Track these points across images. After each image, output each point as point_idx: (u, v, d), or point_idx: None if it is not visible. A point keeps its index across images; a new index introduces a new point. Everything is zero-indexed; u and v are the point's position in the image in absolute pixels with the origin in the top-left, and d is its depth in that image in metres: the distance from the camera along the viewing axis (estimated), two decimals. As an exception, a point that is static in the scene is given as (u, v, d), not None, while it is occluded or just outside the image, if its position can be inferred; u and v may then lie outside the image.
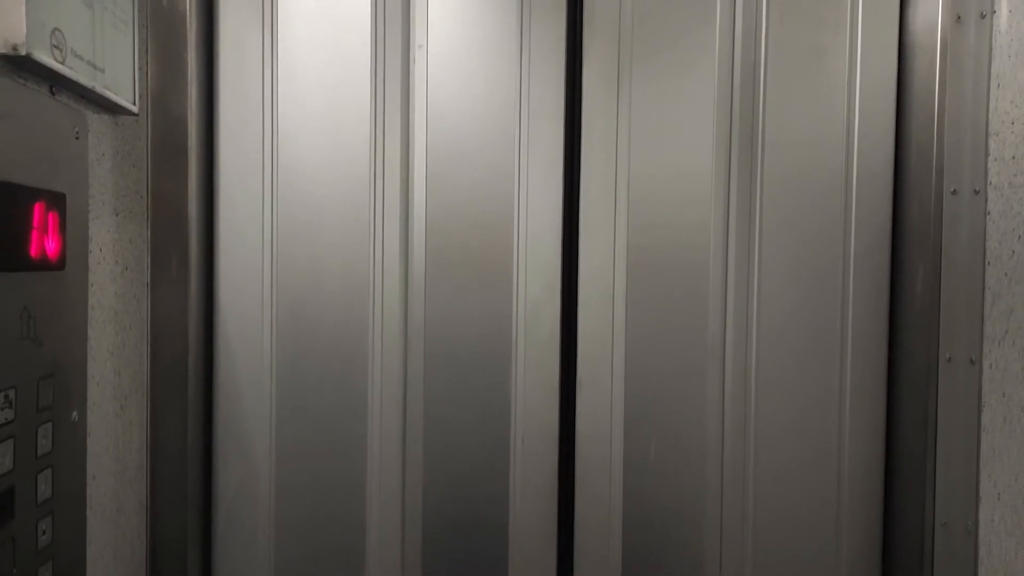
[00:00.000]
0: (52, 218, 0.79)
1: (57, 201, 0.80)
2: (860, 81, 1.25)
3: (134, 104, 0.96)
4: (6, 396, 0.71)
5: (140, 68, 0.99)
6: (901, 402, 1.24)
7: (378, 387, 1.23)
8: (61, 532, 0.81)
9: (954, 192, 1.16)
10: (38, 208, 0.76)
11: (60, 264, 0.81)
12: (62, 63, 0.77)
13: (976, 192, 1.13)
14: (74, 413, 0.85)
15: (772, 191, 1.25)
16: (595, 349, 1.26)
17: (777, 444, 1.27)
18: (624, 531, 1.26)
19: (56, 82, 0.80)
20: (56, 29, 0.76)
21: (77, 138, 0.86)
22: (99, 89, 0.86)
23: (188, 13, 1.11)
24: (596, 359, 1.26)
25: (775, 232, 1.25)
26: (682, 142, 1.25)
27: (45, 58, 0.73)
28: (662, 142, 1.25)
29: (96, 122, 0.93)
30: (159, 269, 1.10)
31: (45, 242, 0.78)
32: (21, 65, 0.72)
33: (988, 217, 1.13)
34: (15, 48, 0.69)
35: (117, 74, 0.92)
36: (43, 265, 0.77)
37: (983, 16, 1.13)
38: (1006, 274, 1.09)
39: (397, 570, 1.23)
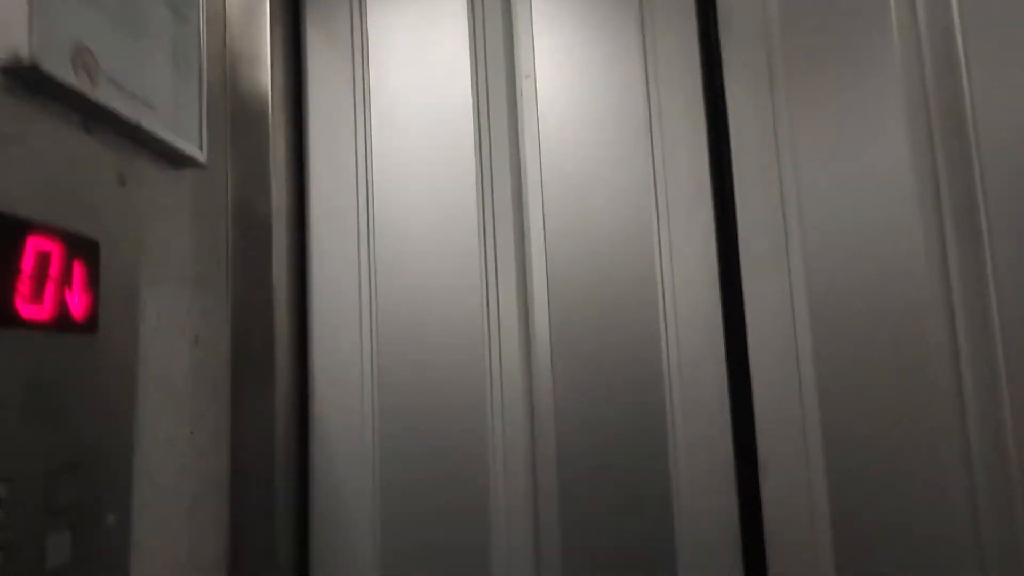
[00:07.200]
0: (78, 267, 0.65)
1: (86, 248, 0.66)
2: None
3: (200, 151, 0.84)
4: (-8, 489, 0.54)
5: (210, 118, 0.87)
6: None
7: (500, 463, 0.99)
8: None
9: None
10: (57, 253, 0.62)
11: (90, 326, 0.66)
12: (91, 86, 0.65)
13: None
14: (111, 516, 0.67)
15: (997, 188, 0.93)
16: (779, 421, 0.96)
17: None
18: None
19: (90, 113, 0.68)
20: (83, 46, 0.64)
21: (123, 184, 0.73)
22: (146, 126, 0.74)
23: (270, 66, 1.01)
24: (782, 436, 0.96)
25: (1009, 239, 0.92)
26: (866, 143, 0.97)
27: (62, 74, 0.61)
28: (837, 147, 0.98)
29: (157, 171, 0.81)
30: (241, 347, 0.96)
31: (67, 295, 0.63)
32: (28, 80, 0.60)
33: None
34: (18, 58, 0.58)
35: (180, 119, 0.81)
36: (63, 325, 0.63)
37: None
38: None
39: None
